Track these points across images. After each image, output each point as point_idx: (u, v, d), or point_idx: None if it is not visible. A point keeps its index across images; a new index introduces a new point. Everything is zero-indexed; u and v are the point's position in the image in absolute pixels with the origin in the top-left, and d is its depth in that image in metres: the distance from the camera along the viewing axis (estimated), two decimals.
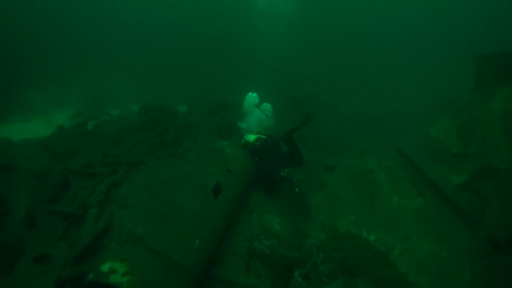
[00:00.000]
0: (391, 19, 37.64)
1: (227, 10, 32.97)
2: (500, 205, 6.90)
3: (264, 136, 7.51)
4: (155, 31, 33.42)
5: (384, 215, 7.31)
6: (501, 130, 8.22)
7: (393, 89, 19.63)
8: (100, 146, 9.48)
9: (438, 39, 33.88)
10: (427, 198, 7.59)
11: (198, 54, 27.59)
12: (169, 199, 5.90)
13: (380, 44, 32.14)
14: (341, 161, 8.73)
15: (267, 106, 8.36)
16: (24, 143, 9.52)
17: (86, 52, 25.50)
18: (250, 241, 6.21)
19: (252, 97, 8.35)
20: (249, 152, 7.55)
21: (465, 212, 7.12)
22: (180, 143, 10.32)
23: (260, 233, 6.38)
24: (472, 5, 34.04)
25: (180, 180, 6.37)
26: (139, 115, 12.05)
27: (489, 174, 7.75)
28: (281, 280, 5.93)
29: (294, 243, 6.43)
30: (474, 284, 5.95)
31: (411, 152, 8.70)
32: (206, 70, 23.13)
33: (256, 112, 8.30)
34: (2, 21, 24.02)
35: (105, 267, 4.60)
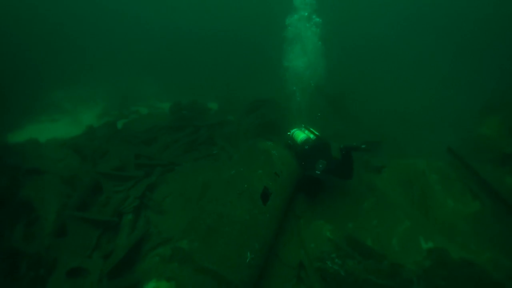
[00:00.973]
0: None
1: (258, 9, 31.70)
2: None
3: (312, 137, 6.82)
4: (180, 30, 32.46)
5: (440, 221, 6.61)
6: None
7: (431, 87, 18.45)
8: (132, 146, 8.88)
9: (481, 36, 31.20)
10: (484, 201, 6.73)
11: (227, 53, 26.62)
12: (215, 208, 5.22)
13: (414, 39, 30.24)
14: (387, 161, 7.87)
15: None
16: (52, 144, 8.93)
17: (111, 51, 24.75)
18: (322, 261, 5.60)
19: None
20: (295, 154, 6.84)
21: None
22: (214, 142, 9.64)
23: (331, 251, 5.61)
24: None
25: (224, 186, 5.66)
26: (171, 113, 11.42)
27: None
28: None
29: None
30: None
31: (460, 151, 7.81)
32: (235, 68, 22.39)
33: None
34: (28, 22, 23.58)
35: (149, 287, 4.05)
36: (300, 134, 6.92)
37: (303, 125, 7.42)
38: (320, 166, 6.43)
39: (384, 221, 6.37)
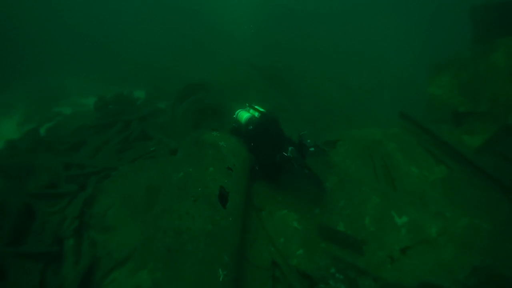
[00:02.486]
0: None
1: None
2: None
3: (257, 115, 6.15)
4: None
5: (408, 192, 6.07)
6: None
7: (373, 54, 17.85)
8: (60, 155, 7.51)
9: None
10: (448, 165, 6.31)
11: (150, 29, 24.53)
12: (170, 223, 4.33)
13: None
14: (341, 135, 7.19)
15: None
16: None
17: (22, 49, 21.80)
18: (324, 282, 4.84)
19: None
20: (242, 137, 6.10)
21: (495, 177, 6.02)
22: (149, 136, 8.44)
23: (328, 265, 4.90)
24: None
25: (175, 193, 4.68)
26: (96, 110, 10.03)
27: (510, 134, 6.68)
28: None
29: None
30: None
31: (412, 114, 7.30)
32: (162, 48, 20.50)
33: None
34: None
35: None
36: (244, 114, 6.25)
37: (247, 104, 6.66)
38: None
39: (351, 201, 5.86)
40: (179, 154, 5.60)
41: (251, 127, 5.93)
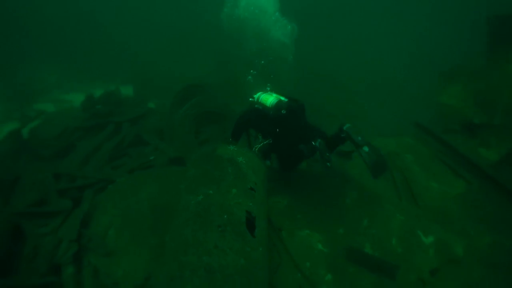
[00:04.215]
0: None
1: None
2: None
3: (284, 99, 5.52)
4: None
5: (430, 208, 5.70)
6: None
7: (370, 55, 17.04)
8: (46, 163, 6.59)
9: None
10: (467, 179, 5.91)
11: (135, 19, 23.03)
12: (198, 260, 3.51)
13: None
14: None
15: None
16: None
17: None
18: None
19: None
20: (267, 120, 5.52)
21: None
22: (143, 141, 7.55)
23: None
24: None
25: (196, 220, 3.87)
26: (84, 110, 8.99)
27: None
28: None
29: None
30: None
31: (427, 124, 6.84)
32: (147, 40, 19.01)
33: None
34: None
35: None
36: (269, 97, 5.60)
37: (268, 88, 6.06)
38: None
39: (375, 219, 5.45)
40: (192, 171, 4.80)
41: (284, 111, 5.24)
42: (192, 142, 7.35)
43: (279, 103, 5.35)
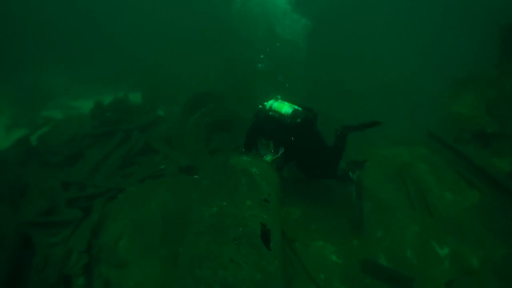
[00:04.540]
0: None
1: None
2: None
3: (299, 108, 5.41)
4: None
5: (444, 219, 5.61)
6: None
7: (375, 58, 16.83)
8: (55, 171, 6.49)
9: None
10: (481, 189, 5.80)
11: (141, 24, 22.89)
12: (213, 274, 3.41)
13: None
14: (366, 152, 6.52)
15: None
16: None
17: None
18: None
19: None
20: (283, 128, 5.40)
21: None
22: (153, 149, 7.49)
23: None
24: None
25: (211, 233, 3.76)
26: (93, 118, 8.86)
27: None
28: None
29: None
30: None
31: (440, 133, 6.72)
32: (154, 45, 18.86)
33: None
34: None
35: None
36: (283, 105, 5.48)
37: (279, 97, 5.86)
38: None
39: (389, 230, 5.36)
40: (205, 182, 4.71)
41: (299, 120, 5.20)
42: (203, 150, 7.24)
43: (295, 112, 5.28)
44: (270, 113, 5.59)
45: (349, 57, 16.49)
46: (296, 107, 5.44)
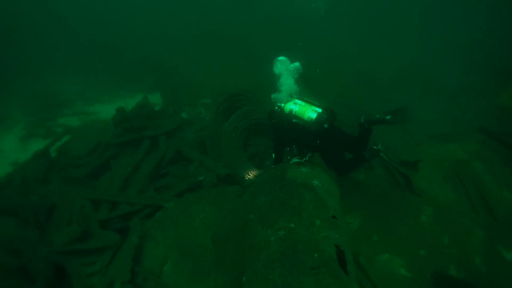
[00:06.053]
0: None
1: None
2: None
3: (320, 110, 4.99)
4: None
5: (507, 221, 5.14)
6: None
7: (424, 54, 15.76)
8: (80, 187, 5.90)
9: None
10: None
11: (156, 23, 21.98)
12: None
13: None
14: (414, 152, 6.03)
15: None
16: None
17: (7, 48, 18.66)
18: None
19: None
20: (307, 134, 5.02)
21: None
22: (186, 157, 6.92)
23: None
24: None
25: (283, 261, 3.23)
26: (115, 126, 8.02)
27: None
28: None
29: None
30: None
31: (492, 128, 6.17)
32: (170, 45, 17.98)
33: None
34: None
35: None
36: (305, 110, 5.01)
37: (295, 96, 5.37)
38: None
39: (455, 237, 4.85)
40: (262, 199, 4.11)
41: (326, 125, 4.81)
42: (243, 157, 6.53)
43: (319, 117, 4.87)
44: (294, 120, 5.09)
45: (389, 49, 15.80)
46: (316, 108, 5.03)
